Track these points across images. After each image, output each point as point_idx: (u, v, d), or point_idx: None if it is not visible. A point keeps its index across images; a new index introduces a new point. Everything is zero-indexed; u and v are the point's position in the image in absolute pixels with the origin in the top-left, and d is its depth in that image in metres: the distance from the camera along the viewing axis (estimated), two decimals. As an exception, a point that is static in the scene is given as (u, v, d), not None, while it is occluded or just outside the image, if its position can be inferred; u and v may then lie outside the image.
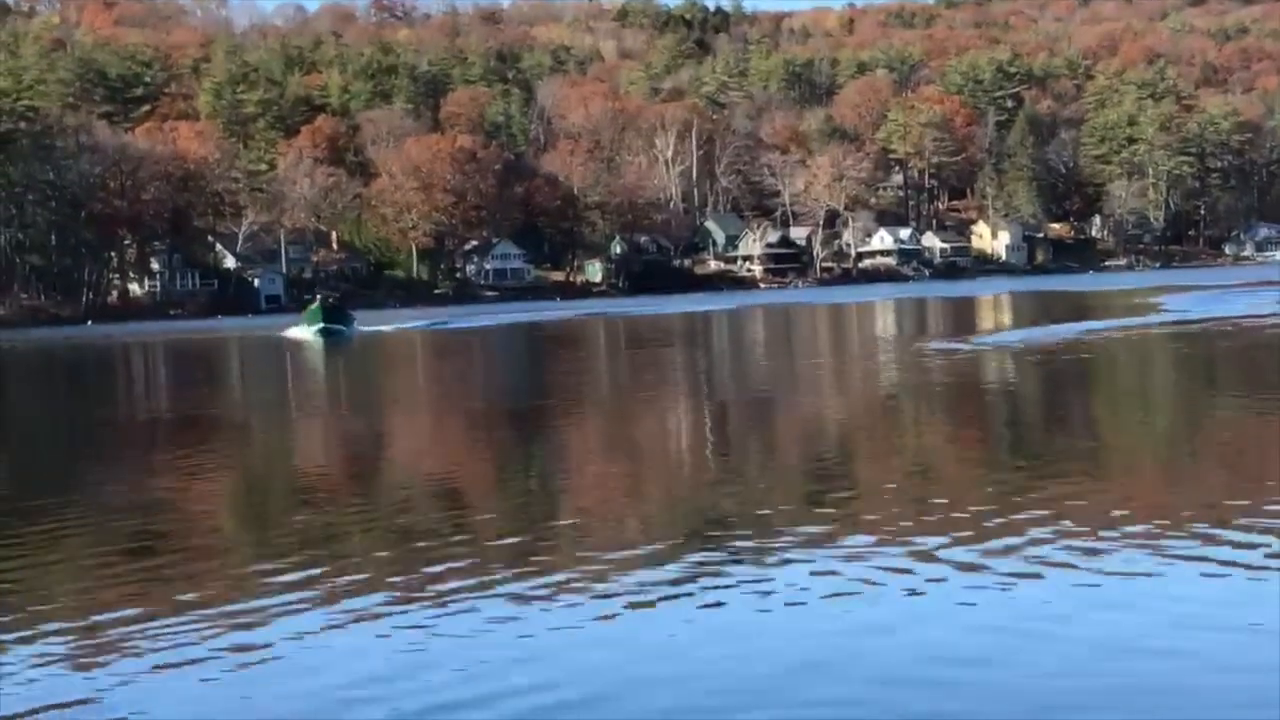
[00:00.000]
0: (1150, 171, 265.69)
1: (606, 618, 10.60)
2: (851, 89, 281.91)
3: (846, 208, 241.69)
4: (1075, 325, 53.16)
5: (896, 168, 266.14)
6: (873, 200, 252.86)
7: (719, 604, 10.81)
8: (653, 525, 14.67)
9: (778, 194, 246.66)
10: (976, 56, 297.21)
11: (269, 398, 41.71)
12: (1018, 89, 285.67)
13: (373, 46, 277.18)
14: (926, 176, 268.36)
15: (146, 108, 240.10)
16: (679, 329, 77.43)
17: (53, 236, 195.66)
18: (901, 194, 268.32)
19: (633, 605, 10.89)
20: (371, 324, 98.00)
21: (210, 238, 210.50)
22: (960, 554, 12.07)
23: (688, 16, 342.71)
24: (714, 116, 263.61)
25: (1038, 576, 11.18)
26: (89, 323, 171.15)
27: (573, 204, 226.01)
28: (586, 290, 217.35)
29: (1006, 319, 70.51)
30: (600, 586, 11.54)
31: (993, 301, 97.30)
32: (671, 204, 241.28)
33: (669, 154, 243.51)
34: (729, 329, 76.87)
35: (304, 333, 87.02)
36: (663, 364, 45.90)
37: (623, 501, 16.69)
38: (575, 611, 10.79)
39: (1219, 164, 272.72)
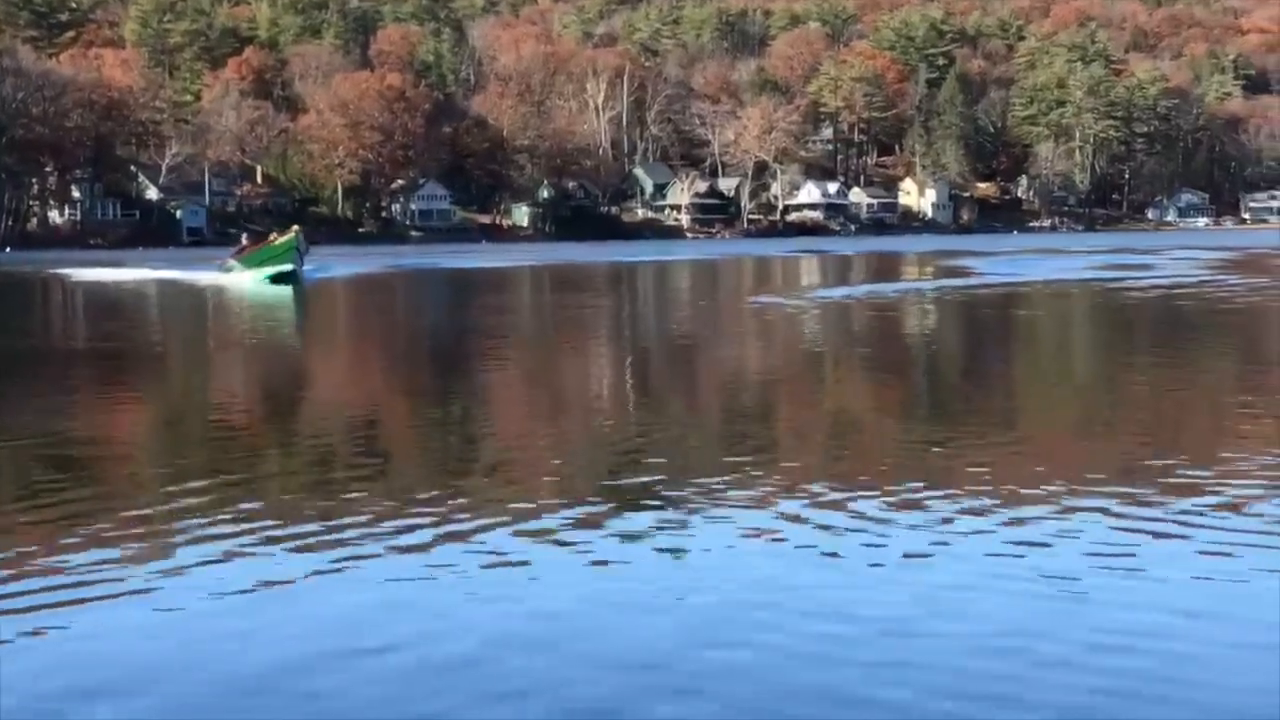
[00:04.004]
0: (1077, 134, 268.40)
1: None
2: (784, 41, 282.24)
3: (775, 160, 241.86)
4: (881, 285, 58.28)
5: (826, 122, 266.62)
6: (802, 153, 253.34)
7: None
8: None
9: (707, 144, 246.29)
10: (910, 13, 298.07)
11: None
12: (949, 47, 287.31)
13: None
14: (856, 131, 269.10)
15: (71, 34, 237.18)
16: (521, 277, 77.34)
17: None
18: (831, 148, 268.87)
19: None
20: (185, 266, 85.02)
21: (133, 168, 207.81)
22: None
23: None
24: (646, 64, 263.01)
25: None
26: (7, 250, 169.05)
27: (501, 147, 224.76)
28: (513, 234, 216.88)
29: (842, 276, 71.83)
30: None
31: (848, 261, 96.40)
32: (601, 150, 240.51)
33: (600, 100, 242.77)
34: (618, 279, 77.19)
35: (244, 279, 61.78)
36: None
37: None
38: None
39: (1145, 129, 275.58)
